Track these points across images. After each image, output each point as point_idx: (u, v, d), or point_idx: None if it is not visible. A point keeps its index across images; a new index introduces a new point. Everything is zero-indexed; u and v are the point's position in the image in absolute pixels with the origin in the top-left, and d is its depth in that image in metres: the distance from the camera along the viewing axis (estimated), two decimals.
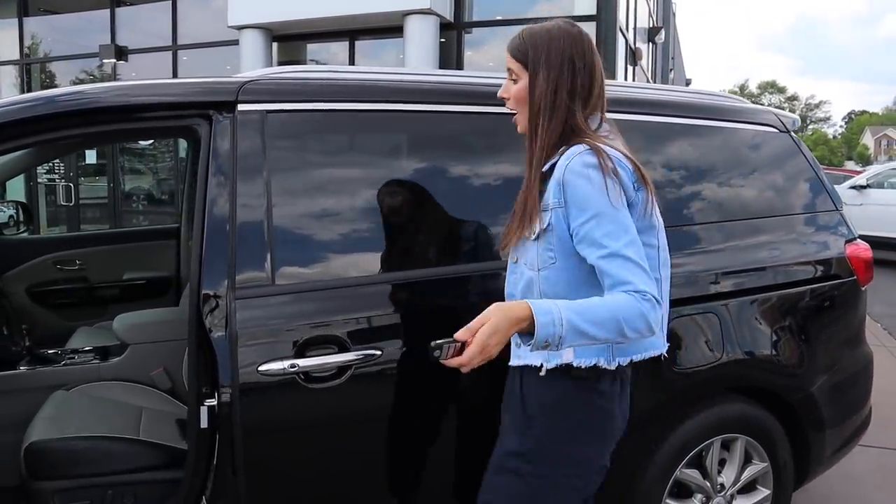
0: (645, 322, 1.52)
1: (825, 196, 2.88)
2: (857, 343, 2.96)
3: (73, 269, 3.74)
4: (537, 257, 1.69)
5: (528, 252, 1.71)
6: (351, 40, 10.49)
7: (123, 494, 2.20)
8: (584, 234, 1.59)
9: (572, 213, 1.61)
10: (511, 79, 1.76)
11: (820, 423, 2.69)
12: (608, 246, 1.55)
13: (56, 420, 2.51)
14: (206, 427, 1.92)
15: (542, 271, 1.68)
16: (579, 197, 1.59)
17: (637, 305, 1.51)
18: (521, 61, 1.73)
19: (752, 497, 2.67)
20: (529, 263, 1.71)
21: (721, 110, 2.73)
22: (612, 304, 1.52)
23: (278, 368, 1.87)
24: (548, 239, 1.66)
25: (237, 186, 1.98)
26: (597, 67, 1.72)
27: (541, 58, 1.69)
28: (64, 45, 13.17)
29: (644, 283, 1.54)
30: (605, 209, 1.57)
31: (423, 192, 2.22)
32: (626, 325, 1.50)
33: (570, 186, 1.60)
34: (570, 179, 1.60)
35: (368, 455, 2.07)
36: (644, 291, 1.52)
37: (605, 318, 1.50)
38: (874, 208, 11.35)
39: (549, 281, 1.67)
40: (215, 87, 2.09)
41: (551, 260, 1.67)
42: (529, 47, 1.71)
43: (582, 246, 1.60)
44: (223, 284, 1.92)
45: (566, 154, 1.64)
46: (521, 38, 1.74)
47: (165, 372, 2.99)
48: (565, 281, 1.66)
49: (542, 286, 1.68)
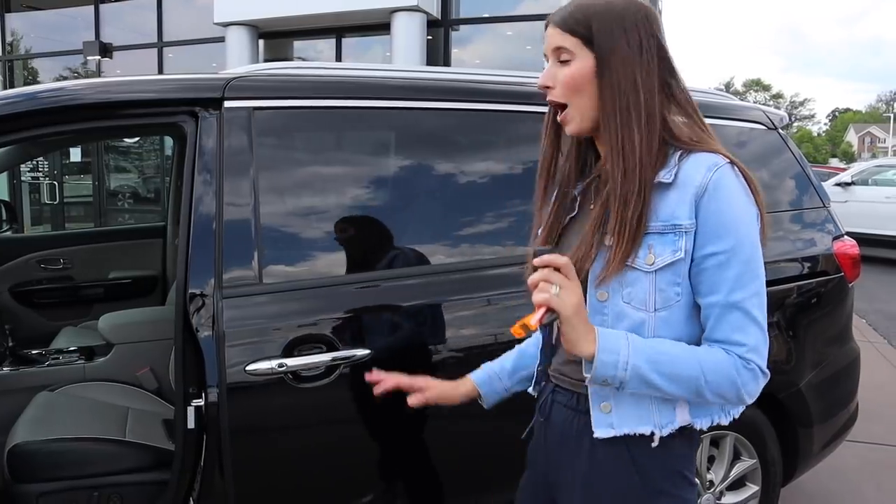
0: (734, 390, 1.24)
1: (813, 193, 2.89)
2: (845, 339, 2.98)
3: (58, 269, 3.71)
4: (656, 294, 1.28)
5: (637, 287, 1.29)
6: (338, 37, 10.47)
7: (109, 496, 2.17)
8: (710, 266, 1.25)
9: (702, 239, 1.25)
10: (560, 61, 1.33)
11: (808, 419, 2.70)
12: (732, 293, 1.24)
13: (40, 422, 2.48)
14: (193, 427, 1.90)
15: (660, 311, 1.28)
16: (722, 221, 1.24)
17: (733, 373, 1.23)
18: (580, 35, 1.30)
19: (741, 493, 2.69)
20: (639, 302, 1.29)
21: (709, 107, 2.73)
22: (703, 360, 1.24)
23: (266, 368, 1.85)
24: (676, 270, 1.27)
25: (224, 184, 1.95)
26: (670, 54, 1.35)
27: (614, 31, 1.29)
28: (47, 42, 13.07)
29: (757, 349, 1.24)
30: (744, 244, 1.24)
31: (411, 188, 2.21)
32: (707, 389, 1.23)
33: (715, 204, 1.24)
34: (717, 195, 1.24)
35: (357, 455, 2.05)
36: (751, 360, 1.23)
37: (686, 377, 1.23)
38: (859, 205, 11.45)
39: (668, 322, 1.29)
40: (201, 84, 2.06)
41: (677, 297, 1.28)
42: (593, 18, 1.30)
43: (699, 280, 1.27)
44: (210, 283, 1.90)
45: (700, 161, 1.27)
46: (575, 8, 1.32)
47: (152, 372, 2.96)
48: (684, 320, 1.30)
49: (658, 331, 1.29)
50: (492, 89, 2.32)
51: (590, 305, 1.33)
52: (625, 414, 1.32)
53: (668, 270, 1.27)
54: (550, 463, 1.48)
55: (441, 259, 2.19)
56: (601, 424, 1.34)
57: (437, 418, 2.11)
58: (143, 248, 3.80)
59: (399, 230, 2.19)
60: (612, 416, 1.33)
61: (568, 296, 1.18)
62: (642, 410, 1.32)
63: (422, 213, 2.23)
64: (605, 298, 1.32)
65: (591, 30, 1.29)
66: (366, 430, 2.04)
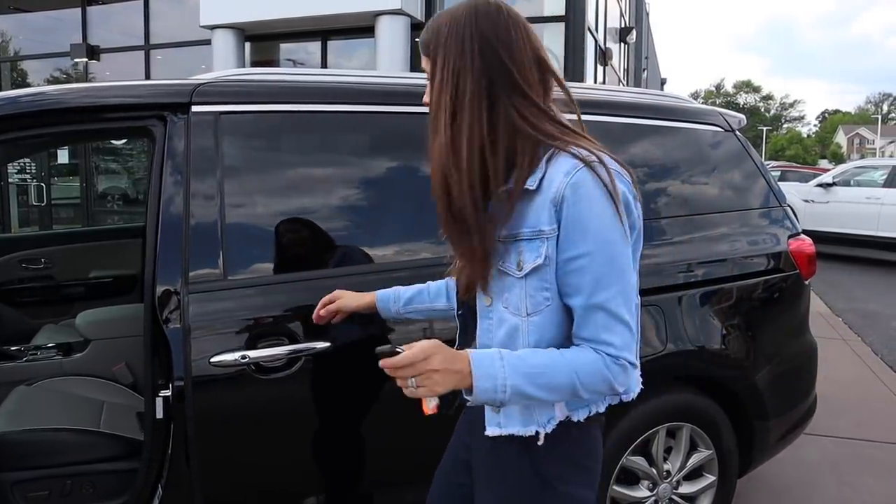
0: (608, 386, 1.28)
1: (769, 193, 2.98)
2: (801, 334, 3.05)
3: (39, 268, 3.76)
4: (527, 299, 1.33)
5: (512, 292, 1.34)
6: (323, 40, 10.52)
7: (82, 484, 2.24)
8: (572, 270, 1.29)
9: (563, 243, 1.29)
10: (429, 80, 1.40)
11: (763, 412, 2.78)
12: (594, 294, 1.27)
13: (17, 414, 2.55)
14: (161, 417, 1.98)
15: (532, 316, 1.33)
16: (579, 225, 1.28)
17: (604, 370, 1.27)
18: (426, 55, 1.39)
19: (697, 483, 2.76)
20: (514, 307, 1.34)
21: (667, 110, 2.83)
22: (576, 364, 1.27)
23: (230, 360, 1.93)
24: (542, 276, 1.31)
25: (191, 185, 2.04)
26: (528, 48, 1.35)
27: (440, 42, 1.35)
28: (35, 44, 13.07)
29: (625, 346, 1.28)
30: (604, 246, 1.27)
31: (376, 189, 2.29)
32: (583, 390, 1.27)
33: (572, 209, 1.27)
34: (573, 200, 1.27)
35: (319, 444, 2.13)
36: (620, 357, 1.28)
37: (562, 384, 1.27)
38: (840, 205, 11.58)
39: (541, 327, 1.33)
40: (170, 90, 2.15)
41: (546, 302, 1.32)
42: (432, 35, 1.37)
43: (564, 283, 1.31)
44: (177, 280, 1.98)
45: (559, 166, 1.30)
46: (426, 28, 1.39)
47: (127, 367, 3.03)
48: (557, 324, 1.34)
49: (531, 336, 1.33)
50: None
51: (479, 310, 1.42)
52: (511, 415, 1.39)
53: (535, 276, 1.31)
54: (472, 443, 1.57)
55: (407, 257, 2.27)
56: (491, 423, 1.42)
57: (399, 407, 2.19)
58: (124, 248, 3.85)
59: (363, 229, 2.27)
60: (500, 417, 1.40)
61: (427, 380, 1.22)
62: (526, 412, 1.38)
63: (387, 213, 2.31)
64: (489, 304, 1.39)
65: (430, 47, 1.37)
66: (327, 420, 2.12)
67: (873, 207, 11.04)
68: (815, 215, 11.62)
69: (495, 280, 1.36)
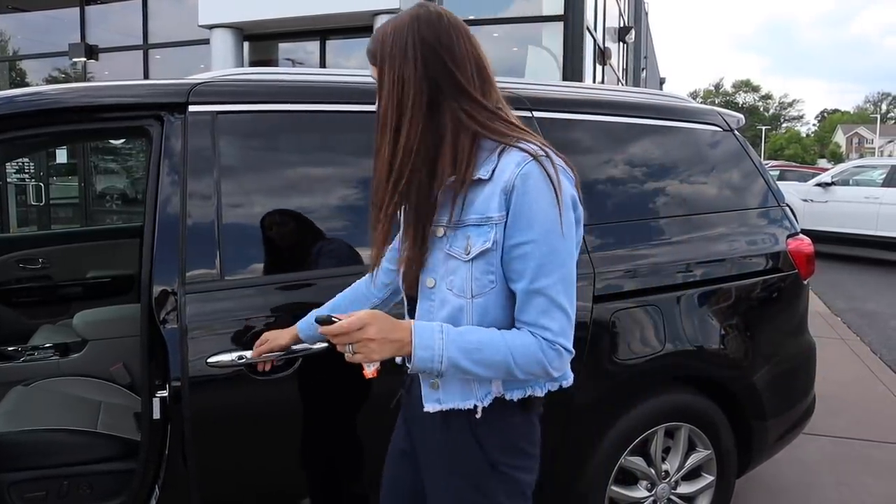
0: (542, 368, 1.37)
1: (768, 192, 2.98)
2: (800, 334, 3.06)
3: (37, 268, 3.75)
4: (472, 281, 1.40)
5: (457, 275, 1.42)
6: (322, 40, 10.51)
7: (79, 485, 2.24)
8: (517, 256, 1.37)
9: (510, 230, 1.37)
10: (377, 88, 1.47)
11: (762, 412, 2.79)
12: (536, 280, 1.35)
13: (14, 414, 2.55)
14: (159, 418, 1.98)
15: (477, 298, 1.41)
16: (526, 214, 1.36)
17: (539, 354, 1.35)
18: (373, 63, 1.46)
19: (696, 483, 2.76)
20: (459, 289, 1.41)
21: (665, 109, 2.82)
22: (512, 345, 1.35)
23: (227, 360, 1.93)
24: (489, 259, 1.39)
25: (188, 185, 2.03)
26: (469, 51, 1.43)
27: (385, 50, 1.41)
28: (33, 44, 13.05)
29: (562, 331, 1.37)
30: (548, 235, 1.35)
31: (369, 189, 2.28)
32: (517, 370, 1.36)
33: (520, 198, 1.35)
34: (522, 190, 1.35)
35: (316, 444, 2.13)
36: (556, 342, 1.36)
37: (497, 361, 1.35)
38: (839, 205, 11.59)
39: (484, 308, 1.41)
40: (167, 89, 2.14)
41: (491, 284, 1.40)
42: (377, 44, 1.43)
43: (509, 268, 1.39)
44: (174, 280, 1.98)
45: (511, 158, 1.38)
46: (372, 37, 1.46)
47: (124, 367, 3.02)
48: (501, 306, 1.42)
49: (475, 316, 1.41)
50: None
51: (421, 291, 1.49)
52: (451, 390, 1.47)
53: (482, 260, 1.39)
54: (411, 432, 1.64)
55: None
56: (430, 399, 1.49)
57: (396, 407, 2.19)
58: (122, 248, 3.85)
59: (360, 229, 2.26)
60: (439, 392, 1.48)
61: (364, 348, 1.32)
62: (465, 387, 1.46)
63: None
64: (432, 285, 1.46)
65: (377, 55, 1.43)
66: (324, 420, 2.12)
67: (872, 207, 11.05)
68: (814, 215, 11.63)
69: (441, 263, 1.44)
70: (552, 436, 2.36)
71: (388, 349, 1.34)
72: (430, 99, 1.39)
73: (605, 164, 2.58)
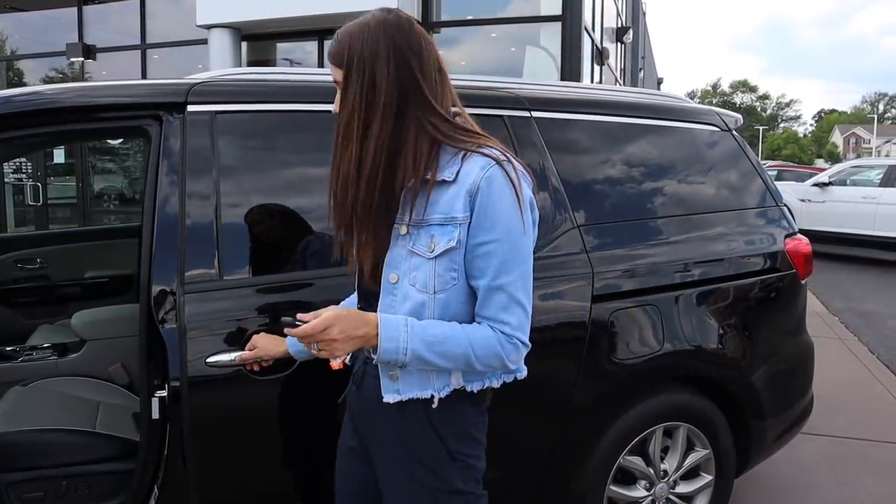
0: (499, 361, 1.45)
1: (766, 192, 2.98)
2: (798, 334, 3.06)
3: (35, 268, 3.74)
4: (434, 278, 1.46)
5: (420, 271, 1.47)
6: (320, 40, 10.50)
7: (78, 485, 2.24)
8: (480, 255, 1.44)
9: (474, 230, 1.44)
10: (341, 89, 1.49)
11: (760, 412, 2.79)
12: (497, 277, 1.43)
13: (12, 414, 2.55)
14: (157, 418, 1.98)
15: (439, 294, 1.47)
16: (489, 215, 1.42)
17: (497, 347, 1.44)
18: (339, 65, 1.47)
19: (694, 483, 2.77)
20: (421, 284, 1.47)
21: (664, 109, 2.83)
22: (473, 338, 1.43)
23: (226, 360, 1.92)
24: (452, 258, 1.46)
25: (187, 185, 2.03)
26: (432, 55, 1.48)
27: (353, 54, 1.44)
28: (31, 43, 13.03)
29: (519, 326, 1.45)
30: (509, 235, 1.43)
31: None
32: (477, 362, 1.44)
33: (484, 199, 1.42)
34: (486, 192, 1.42)
35: (316, 444, 2.13)
36: (513, 336, 1.44)
37: (458, 354, 1.43)
38: (836, 205, 11.61)
39: (446, 303, 1.48)
40: (165, 89, 2.14)
41: (454, 281, 1.47)
42: (343, 46, 1.46)
43: (471, 265, 1.46)
44: (173, 280, 1.98)
45: (475, 162, 1.44)
46: (336, 39, 1.48)
47: (123, 367, 3.02)
48: (462, 301, 1.49)
49: (436, 310, 1.47)
50: None
51: (384, 286, 1.53)
52: (409, 382, 1.52)
53: (446, 257, 1.46)
54: (364, 427, 1.68)
55: None
56: (389, 391, 1.54)
57: None
58: (120, 248, 3.84)
59: None
60: (398, 384, 1.53)
61: (327, 347, 1.39)
62: (424, 378, 1.52)
63: None
64: (395, 281, 1.51)
65: (343, 57, 1.45)
66: (324, 421, 2.11)
67: (869, 207, 11.07)
68: (812, 215, 11.65)
69: (403, 259, 1.50)
70: (551, 435, 2.38)
71: (352, 345, 1.41)
72: (398, 103, 1.44)
73: (604, 164, 2.58)
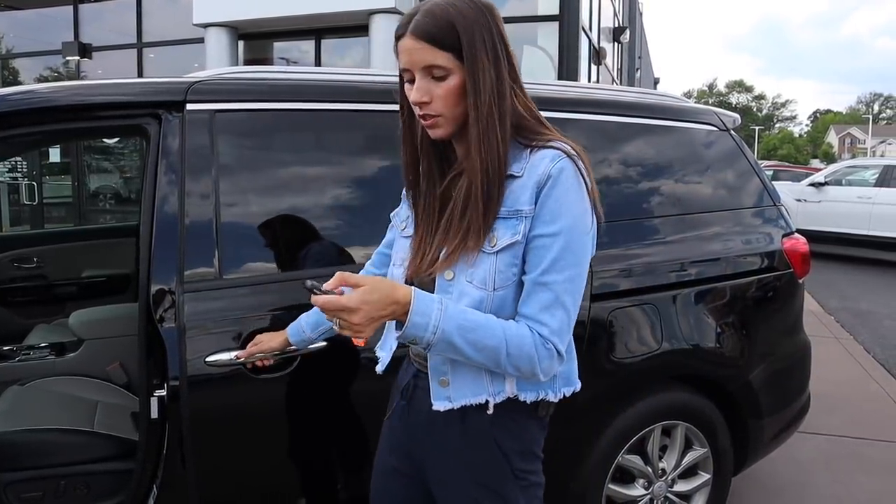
0: (530, 365, 1.33)
1: (763, 192, 2.99)
2: (795, 333, 3.07)
3: (32, 267, 3.73)
4: (495, 274, 1.37)
5: (480, 267, 1.37)
6: (317, 39, 10.49)
7: (76, 485, 2.23)
8: (535, 247, 1.35)
9: (536, 222, 1.36)
10: (434, 77, 1.36)
11: (758, 411, 2.80)
12: (547, 273, 1.34)
13: (9, 414, 2.54)
14: (157, 417, 1.98)
15: (498, 291, 1.37)
16: (553, 208, 1.35)
17: (531, 349, 1.32)
18: (451, 49, 1.33)
19: (692, 481, 2.77)
20: (480, 281, 1.37)
21: (662, 109, 2.83)
22: (508, 334, 1.32)
23: (225, 359, 1.92)
24: (515, 252, 1.37)
25: (186, 184, 2.03)
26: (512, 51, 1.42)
27: (475, 41, 1.34)
28: (26, 42, 13.00)
29: (559, 331, 1.34)
30: (570, 232, 1.35)
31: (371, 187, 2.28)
32: (507, 361, 1.32)
33: (551, 191, 1.35)
34: (553, 185, 1.35)
35: (315, 444, 2.13)
36: (550, 340, 1.33)
37: (489, 346, 1.31)
38: (832, 205, 11.64)
39: (503, 301, 1.38)
40: (165, 88, 2.14)
41: (514, 277, 1.37)
42: (458, 30, 1.33)
43: (527, 258, 1.37)
44: (172, 279, 1.97)
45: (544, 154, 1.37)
46: (437, 18, 1.33)
47: (121, 367, 3.01)
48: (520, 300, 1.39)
49: (492, 309, 1.37)
50: None
51: (438, 284, 1.42)
52: (461, 386, 1.42)
53: (508, 252, 1.36)
54: (417, 446, 1.57)
55: None
56: (439, 398, 1.44)
57: None
58: (117, 247, 3.83)
59: (358, 228, 2.27)
60: (449, 390, 1.43)
61: (348, 328, 1.24)
62: (477, 381, 1.42)
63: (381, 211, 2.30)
64: (451, 278, 1.41)
65: (460, 42, 1.33)
66: (323, 420, 2.12)
67: (865, 207, 11.10)
68: (807, 214, 11.68)
69: (462, 256, 1.39)
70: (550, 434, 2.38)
71: (375, 326, 1.26)
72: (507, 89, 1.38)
73: (602, 164, 2.58)
